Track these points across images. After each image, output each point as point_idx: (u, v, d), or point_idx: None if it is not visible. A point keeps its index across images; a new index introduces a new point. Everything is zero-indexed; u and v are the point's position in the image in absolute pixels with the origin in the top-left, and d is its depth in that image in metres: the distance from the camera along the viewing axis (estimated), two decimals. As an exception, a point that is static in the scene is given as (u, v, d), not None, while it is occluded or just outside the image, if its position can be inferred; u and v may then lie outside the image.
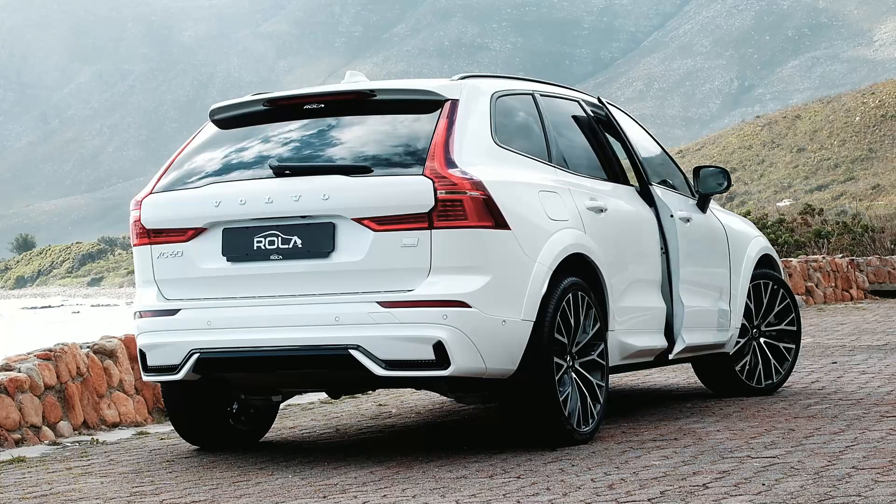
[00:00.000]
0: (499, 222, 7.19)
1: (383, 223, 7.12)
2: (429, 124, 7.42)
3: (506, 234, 7.23)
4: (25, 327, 55.18)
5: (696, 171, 9.36)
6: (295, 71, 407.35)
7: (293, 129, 7.78)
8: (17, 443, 8.73)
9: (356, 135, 7.60)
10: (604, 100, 9.03)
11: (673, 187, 9.24)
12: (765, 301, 9.86)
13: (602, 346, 7.83)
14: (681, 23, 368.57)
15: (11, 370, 9.04)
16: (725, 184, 9.30)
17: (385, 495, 6.27)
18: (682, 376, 11.28)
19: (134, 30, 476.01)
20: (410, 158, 7.28)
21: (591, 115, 8.81)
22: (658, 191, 8.84)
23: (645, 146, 9.23)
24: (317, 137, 7.66)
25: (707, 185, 9.31)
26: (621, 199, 8.47)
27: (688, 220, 8.95)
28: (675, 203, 8.96)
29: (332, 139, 7.62)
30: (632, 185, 8.79)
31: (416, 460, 7.25)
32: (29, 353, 9.39)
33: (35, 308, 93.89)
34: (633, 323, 8.29)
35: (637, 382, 11.13)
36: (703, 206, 9.38)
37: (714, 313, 9.23)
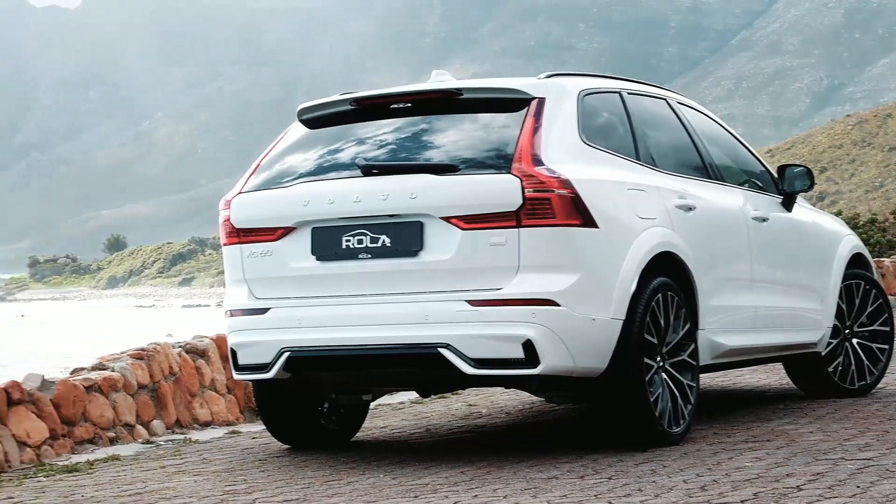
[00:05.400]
0: (587, 220, 7.16)
1: (471, 222, 7.10)
2: (515, 123, 7.40)
3: (594, 233, 7.19)
4: (121, 326, 55.85)
5: (781, 170, 9.29)
6: (381, 71, 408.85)
7: (380, 129, 7.78)
8: (112, 441, 8.82)
9: (443, 133, 7.59)
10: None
11: (759, 186, 9.17)
12: (857, 301, 9.74)
13: (692, 345, 7.77)
14: (769, 21, 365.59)
15: (105, 369, 9.14)
16: (809, 183, 9.26)
17: (476, 495, 6.26)
18: (774, 377, 11.17)
19: (222, 31, 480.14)
20: (497, 157, 7.26)
21: (680, 113, 8.75)
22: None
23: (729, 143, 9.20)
24: (404, 136, 7.67)
25: (792, 185, 9.25)
26: (711, 198, 8.41)
27: (764, 220, 8.85)
28: (757, 202, 8.91)
29: (419, 138, 7.61)
30: (723, 183, 8.71)
31: (507, 460, 7.23)
32: (122, 353, 9.48)
33: (142, 307, 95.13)
34: (724, 322, 8.22)
35: (728, 383, 11.04)
36: (787, 205, 9.30)
37: (803, 313, 9.13)
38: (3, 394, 8.13)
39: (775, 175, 9.33)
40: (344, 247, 7.37)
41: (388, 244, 7.27)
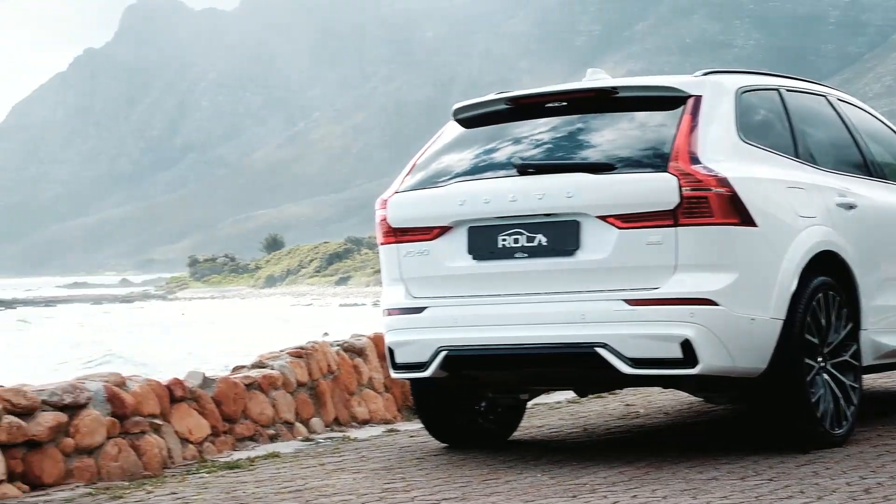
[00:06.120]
0: (745, 219, 7.08)
1: (628, 221, 7.07)
2: (672, 121, 7.35)
3: (752, 232, 7.11)
4: (280, 325, 56.59)
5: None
6: (535, 70, 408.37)
7: (535, 128, 7.78)
8: (272, 438, 8.95)
9: (598, 132, 7.56)
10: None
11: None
12: None
13: (855, 346, 7.64)
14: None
15: (265, 367, 9.27)
16: None
17: (635, 496, 6.22)
18: (939, 378, 10.93)
19: (376, 32, 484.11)
20: (654, 155, 7.21)
21: (840, 109, 8.60)
22: None
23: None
24: (559, 135, 7.65)
25: None
26: (873, 196, 8.26)
27: None
28: None
29: (575, 137, 7.59)
30: (885, 181, 8.54)
31: (666, 461, 7.17)
32: (281, 351, 9.61)
33: (298, 306, 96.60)
34: (887, 322, 8.06)
35: (892, 385, 10.83)
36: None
37: None
38: (166, 391, 8.30)
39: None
40: (500, 246, 7.39)
41: (545, 243, 7.27)
